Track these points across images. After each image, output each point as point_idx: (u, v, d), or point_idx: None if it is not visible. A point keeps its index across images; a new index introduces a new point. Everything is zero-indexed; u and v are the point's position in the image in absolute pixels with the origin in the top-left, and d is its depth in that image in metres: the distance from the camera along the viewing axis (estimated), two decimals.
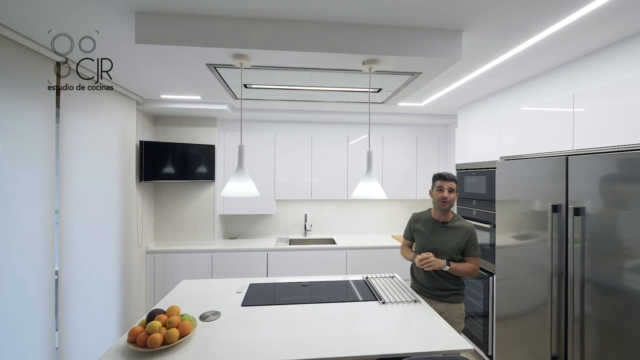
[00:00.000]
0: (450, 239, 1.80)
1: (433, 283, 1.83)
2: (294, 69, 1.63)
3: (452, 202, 1.80)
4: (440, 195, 1.79)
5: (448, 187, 1.78)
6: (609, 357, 1.49)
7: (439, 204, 1.81)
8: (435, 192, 1.83)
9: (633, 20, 1.41)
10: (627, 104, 1.48)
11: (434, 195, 1.84)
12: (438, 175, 1.85)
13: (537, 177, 1.91)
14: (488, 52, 1.74)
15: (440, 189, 1.80)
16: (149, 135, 3.13)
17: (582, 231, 1.63)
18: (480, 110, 2.86)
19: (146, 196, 3.11)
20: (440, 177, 1.83)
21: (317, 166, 3.51)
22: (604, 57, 1.72)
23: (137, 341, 1.27)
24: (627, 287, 1.43)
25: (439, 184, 1.82)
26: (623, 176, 1.44)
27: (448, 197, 1.77)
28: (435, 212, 1.88)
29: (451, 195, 1.78)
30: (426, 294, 1.86)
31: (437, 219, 1.86)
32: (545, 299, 1.82)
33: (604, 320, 1.52)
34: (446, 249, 1.79)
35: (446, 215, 1.85)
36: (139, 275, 2.92)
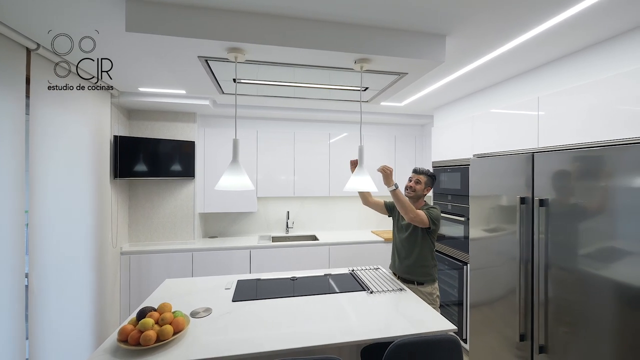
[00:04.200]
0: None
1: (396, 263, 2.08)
2: (287, 65, 1.65)
3: (418, 192, 2.04)
4: (407, 184, 2.09)
5: (415, 179, 2.05)
6: (570, 333, 1.67)
7: (406, 192, 2.07)
8: (407, 182, 2.11)
9: (589, 34, 1.61)
10: (585, 106, 1.67)
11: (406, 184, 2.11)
12: (413, 169, 2.14)
13: (506, 172, 2.09)
14: (467, 56, 1.88)
15: (409, 179, 2.09)
16: (124, 131, 2.98)
17: (546, 221, 1.82)
18: (455, 111, 3.05)
19: (121, 194, 2.96)
20: (413, 170, 2.13)
21: (300, 163, 3.54)
22: (565, 64, 1.92)
23: (128, 340, 1.23)
24: (583, 270, 1.62)
25: (411, 175, 2.12)
26: (580, 171, 1.63)
27: (412, 185, 2.04)
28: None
29: (416, 186, 2.03)
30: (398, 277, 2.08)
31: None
32: (514, 285, 2.00)
33: (565, 301, 1.71)
34: (404, 226, 2.06)
35: (417, 204, 2.06)
36: (113, 277, 2.77)
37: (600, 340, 1.53)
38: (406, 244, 2.02)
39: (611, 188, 1.49)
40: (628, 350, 1.43)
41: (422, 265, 1.98)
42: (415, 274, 1.99)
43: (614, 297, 1.48)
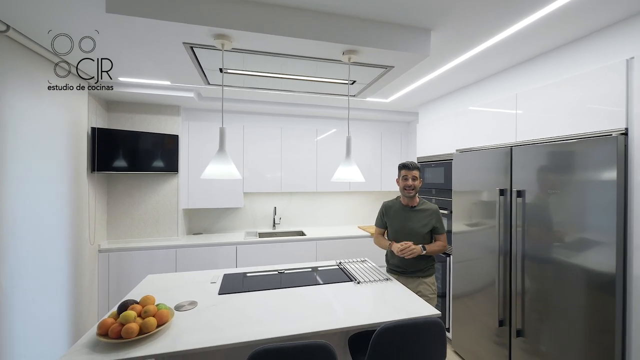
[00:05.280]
0: (420, 220, 1.97)
1: (407, 264, 1.95)
2: (274, 55, 1.63)
3: (416, 188, 1.96)
4: (405, 184, 1.95)
5: (412, 176, 1.94)
6: (544, 318, 1.75)
7: (405, 192, 1.97)
8: (401, 181, 1.98)
9: (560, 34, 1.69)
10: (560, 103, 1.76)
11: (400, 184, 1.99)
12: (402, 165, 2.00)
13: (487, 166, 2.17)
14: (451, 51, 1.93)
15: (405, 177, 1.96)
16: (102, 123, 2.86)
17: (523, 211, 1.90)
18: (439, 107, 3.13)
19: (99, 189, 2.84)
20: (404, 166, 1.98)
21: (287, 158, 3.52)
22: (543, 61, 2.01)
23: (109, 333, 1.18)
24: (556, 259, 1.70)
25: (404, 173, 1.97)
26: (554, 163, 1.72)
27: (412, 184, 1.94)
28: (403, 199, 2.03)
29: (415, 182, 1.94)
30: (401, 274, 1.99)
31: (406, 204, 2.02)
32: (494, 276, 2.08)
33: (539, 289, 1.79)
34: (417, 229, 1.95)
35: (413, 200, 2.01)
36: (91, 275, 2.66)
37: (571, 323, 1.62)
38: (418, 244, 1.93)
39: (580, 179, 1.58)
40: (596, 331, 1.51)
41: (427, 259, 1.98)
42: (422, 267, 1.96)
43: (583, 283, 1.57)
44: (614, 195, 1.43)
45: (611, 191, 1.44)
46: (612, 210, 1.44)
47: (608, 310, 1.46)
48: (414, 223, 1.97)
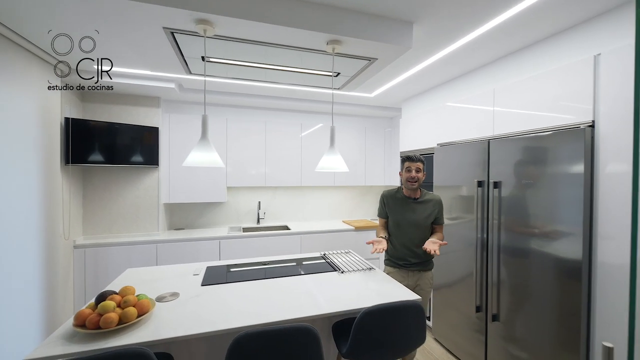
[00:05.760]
0: (423, 212, 1.92)
1: (407, 255, 1.91)
2: (258, 44, 1.62)
3: (420, 181, 1.90)
4: (409, 176, 1.88)
5: (415, 168, 1.87)
6: (518, 303, 1.85)
7: (408, 184, 1.89)
8: (404, 173, 1.91)
9: (543, 27, 1.77)
10: (534, 97, 1.84)
11: (403, 176, 1.92)
12: (406, 157, 1.93)
13: (466, 159, 2.24)
14: (432, 45, 1.98)
15: (409, 169, 1.88)
16: (76, 113, 2.74)
17: (499, 201, 1.98)
18: (422, 102, 3.20)
19: (74, 182, 2.72)
20: (408, 158, 1.91)
21: (271, 153, 3.50)
22: (519, 57, 2.09)
23: (87, 324, 1.14)
24: (529, 247, 1.79)
25: (407, 165, 1.90)
26: (528, 155, 1.80)
27: (416, 176, 1.87)
28: (406, 191, 1.96)
29: (419, 174, 1.88)
30: (401, 267, 1.92)
31: (409, 196, 1.95)
32: (472, 267, 2.15)
33: (514, 276, 1.88)
34: (420, 221, 1.90)
35: (416, 192, 1.94)
36: (65, 272, 2.55)
37: (542, 307, 1.71)
38: (421, 235, 1.91)
39: (550, 170, 1.67)
40: (565, 315, 1.61)
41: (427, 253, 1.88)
42: (423, 260, 1.92)
43: (553, 271, 1.66)
44: (581, 187, 1.52)
45: (579, 183, 1.53)
46: (579, 201, 1.53)
47: (575, 295, 1.56)
48: (417, 215, 1.91)
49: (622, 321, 1.44)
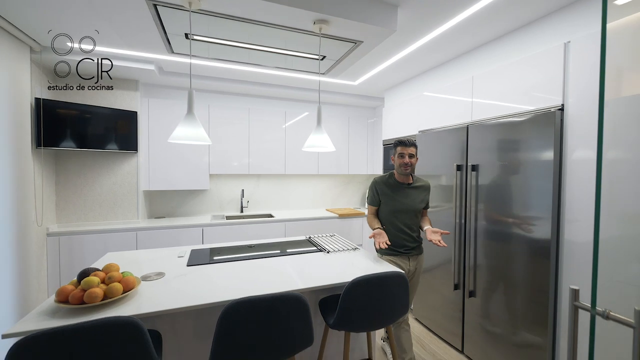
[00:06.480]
0: (416, 197, 1.90)
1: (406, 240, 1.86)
2: (244, 21, 1.60)
3: (413, 166, 1.85)
4: (402, 161, 1.82)
5: (408, 153, 1.82)
6: (492, 280, 1.97)
7: (402, 169, 1.84)
8: (397, 159, 1.85)
9: (520, 14, 1.86)
10: (510, 83, 1.94)
11: (396, 162, 1.87)
12: (398, 141, 1.87)
13: (446, 145, 2.34)
14: (415, 31, 2.03)
15: (402, 155, 1.83)
16: (47, 95, 2.58)
17: (476, 183, 2.09)
18: (404, 91, 3.28)
19: (46, 167, 2.58)
20: (400, 143, 1.85)
21: (255, 140, 3.47)
22: (497, 45, 2.19)
23: (69, 299, 1.11)
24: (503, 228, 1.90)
25: (400, 150, 1.84)
26: (502, 139, 1.91)
27: (409, 162, 1.82)
28: (399, 176, 1.91)
29: (412, 160, 1.83)
30: (401, 254, 1.87)
31: (402, 181, 1.90)
32: (451, 247, 2.25)
33: (489, 256, 1.99)
34: (415, 205, 1.88)
35: (409, 178, 1.91)
36: (38, 261, 2.43)
37: (515, 283, 1.84)
38: (415, 220, 1.90)
39: (523, 153, 1.78)
40: (535, 291, 1.73)
41: (419, 237, 1.93)
42: (420, 243, 1.93)
43: (525, 250, 1.78)
44: (551, 174, 1.62)
45: (549, 169, 1.63)
46: (549, 188, 1.63)
47: (544, 272, 1.68)
48: (411, 200, 1.88)
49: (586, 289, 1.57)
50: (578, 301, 0.68)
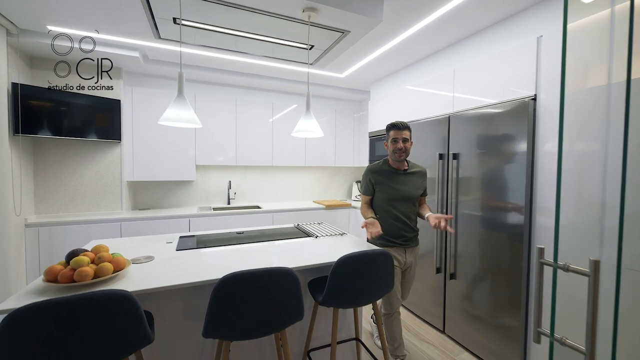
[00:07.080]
0: (413, 183, 1.82)
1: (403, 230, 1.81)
2: (232, 6, 1.61)
3: (407, 151, 1.76)
4: (395, 147, 1.73)
5: (402, 137, 1.72)
6: (471, 263, 2.08)
7: (395, 155, 1.75)
8: (390, 144, 1.76)
9: (501, 8, 1.96)
10: (489, 75, 2.05)
11: (389, 147, 1.78)
12: (391, 125, 1.76)
13: (430, 135, 2.43)
14: (400, 23, 2.10)
15: (395, 140, 1.73)
16: (24, 81, 2.49)
17: (457, 171, 2.20)
18: (390, 84, 3.36)
19: (24, 155, 2.49)
20: (393, 126, 1.74)
21: (242, 131, 3.46)
22: (477, 39, 2.30)
23: (59, 279, 1.11)
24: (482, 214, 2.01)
25: (393, 135, 1.74)
26: (480, 128, 2.01)
27: (403, 147, 1.73)
28: (394, 163, 1.82)
29: (406, 144, 1.74)
30: (399, 245, 1.81)
31: (397, 168, 1.83)
32: (434, 235, 2.35)
33: (468, 243, 2.11)
34: (412, 192, 1.81)
35: (404, 164, 1.83)
36: (17, 253, 2.35)
37: (491, 267, 1.95)
38: (413, 208, 1.84)
39: (499, 141, 1.89)
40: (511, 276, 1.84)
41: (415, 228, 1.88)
42: (417, 232, 1.89)
43: (501, 236, 1.90)
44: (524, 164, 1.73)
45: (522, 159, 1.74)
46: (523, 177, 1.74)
47: (518, 256, 1.79)
48: (408, 187, 1.80)
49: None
50: (543, 259, 0.76)
